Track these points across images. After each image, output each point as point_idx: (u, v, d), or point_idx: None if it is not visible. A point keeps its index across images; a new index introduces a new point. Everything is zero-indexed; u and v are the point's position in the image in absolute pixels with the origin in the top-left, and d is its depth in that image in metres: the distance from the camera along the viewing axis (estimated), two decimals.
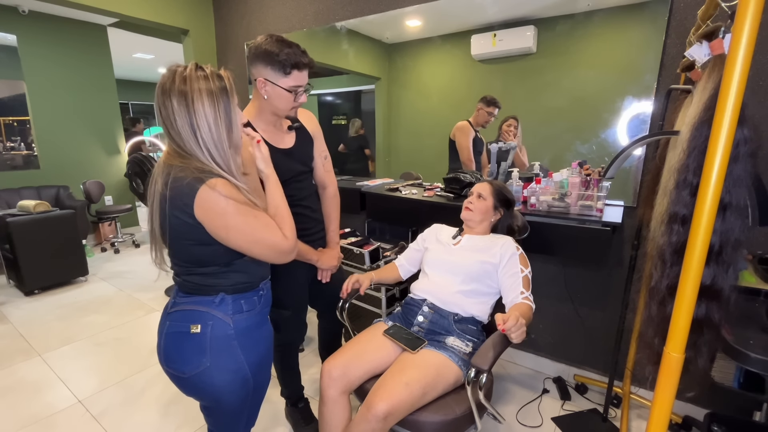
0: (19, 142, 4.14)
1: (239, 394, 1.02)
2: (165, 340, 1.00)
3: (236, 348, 0.99)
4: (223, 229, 0.90)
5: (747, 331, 1.05)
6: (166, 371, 1.02)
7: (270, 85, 1.26)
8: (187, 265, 0.98)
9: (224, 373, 0.98)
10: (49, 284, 3.41)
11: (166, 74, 0.90)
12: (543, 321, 2.13)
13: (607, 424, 1.76)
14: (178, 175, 0.89)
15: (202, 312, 0.97)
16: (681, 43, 1.59)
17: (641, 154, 1.75)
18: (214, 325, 0.97)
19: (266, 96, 1.28)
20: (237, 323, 1.00)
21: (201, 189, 0.87)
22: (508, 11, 2.00)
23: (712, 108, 0.77)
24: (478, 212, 1.52)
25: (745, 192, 0.86)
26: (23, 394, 2.04)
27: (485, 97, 2.16)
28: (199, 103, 0.88)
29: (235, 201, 0.90)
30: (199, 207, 0.88)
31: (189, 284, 0.99)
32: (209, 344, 0.96)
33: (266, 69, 1.25)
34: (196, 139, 0.90)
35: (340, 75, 2.82)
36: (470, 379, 1.13)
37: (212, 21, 3.33)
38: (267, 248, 0.97)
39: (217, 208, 0.88)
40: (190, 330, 0.96)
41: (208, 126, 0.90)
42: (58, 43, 4.28)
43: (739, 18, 0.66)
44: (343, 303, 1.52)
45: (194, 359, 0.96)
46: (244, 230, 0.92)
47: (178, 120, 0.89)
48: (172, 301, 1.03)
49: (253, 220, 0.93)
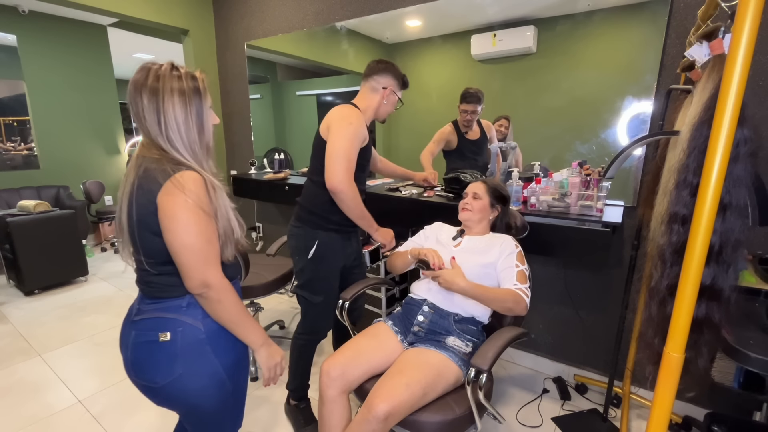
0: (19, 142, 4.14)
1: (217, 398, 0.99)
2: (133, 351, 0.96)
3: (209, 352, 0.95)
4: (169, 218, 0.86)
5: (747, 331, 1.05)
6: (137, 383, 0.98)
7: (392, 94, 1.61)
8: (152, 262, 0.93)
9: (199, 378, 0.95)
10: (49, 284, 3.41)
11: (140, 71, 0.90)
12: (543, 321, 2.13)
13: (607, 424, 1.76)
14: (151, 165, 0.88)
15: (170, 319, 0.94)
16: (681, 43, 1.59)
17: (641, 154, 1.75)
18: (184, 331, 0.93)
19: (386, 101, 1.61)
20: (208, 326, 0.96)
21: (174, 177, 0.86)
22: (508, 11, 2.00)
23: (712, 108, 0.77)
24: (476, 211, 1.52)
25: (745, 192, 0.86)
26: (23, 394, 2.04)
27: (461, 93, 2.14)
28: (169, 102, 0.88)
29: (197, 198, 0.87)
30: (163, 193, 0.86)
31: (154, 287, 0.95)
32: (180, 351, 0.93)
33: (393, 81, 1.60)
34: (165, 138, 0.89)
35: (340, 75, 2.82)
36: (470, 379, 1.14)
37: (212, 21, 3.33)
38: (193, 264, 0.88)
39: (179, 197, 0.86)
40: (159, 338, 0.93)
41: (177, 126, 0.90)
42: (58, 43, 4.28)
43: (739, 18, 0.66)
44: (344, 303, 1.52)
45: (166, 368, 0.93)
46: (186, 229, 0.87)
47: (148, 117, 0.88)
48: (137, 308, 0.98)
49: (204, 226, 0.89)
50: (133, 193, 0.89)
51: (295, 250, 1.63)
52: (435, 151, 2.29)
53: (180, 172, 0.87)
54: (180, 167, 0.88)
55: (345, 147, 1.44)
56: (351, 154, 1.46)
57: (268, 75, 3.31)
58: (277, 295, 3.17)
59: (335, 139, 1.45)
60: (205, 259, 0.89)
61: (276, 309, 2.98)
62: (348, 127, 1.46)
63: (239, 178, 3.10)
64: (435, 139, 2.29)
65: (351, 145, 1.46)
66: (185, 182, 0.86)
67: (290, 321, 2.80)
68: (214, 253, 0.91)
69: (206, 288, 0.90)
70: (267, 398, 1.98)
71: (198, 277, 0.89)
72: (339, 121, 1.48)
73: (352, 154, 1.47)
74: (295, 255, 1.64)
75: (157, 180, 0.86)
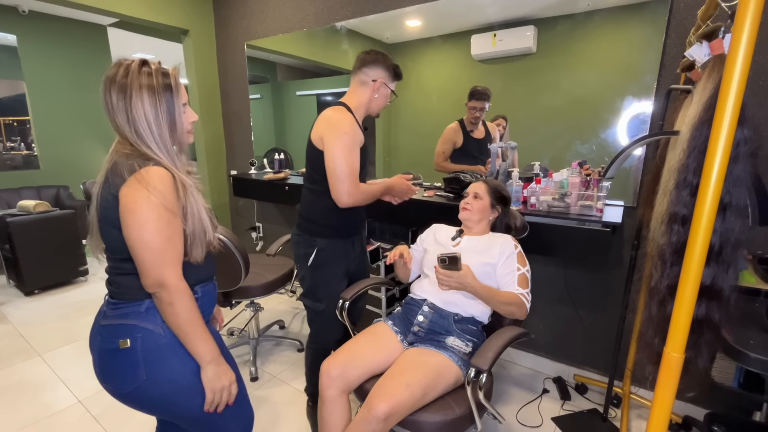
0: (19, 142, 4.14)
1: (192, 402, 0.96)
2: (98, 358, 0.96)
3: (171, 356, 0.93)
4: (128, 212, 0.85)
5: (747, 331, 1.05)
6: (105, 388, 0.97)
7: (384, 87, 1.52)
8: (114, 259, 0.93)
9: (162, 384, 0.93)
10: (49, 284, 3.41)
11: (113, 67, 0.89)
12: (543, 321, 2.13)
13: (607, 424, 1.76)
14: (120, 159, 0.88)
15: (129, 325, 0.92)
16: (681, 43, 1.59)
17: (641, 154, 1.75)
18: (144, 337, 0.91)
19: (377, 95, 1.52)
20: (168, 330, 0.93)
21: (138, 172, 0.85)
22: (508, 11, 2.00)
23: (712, 108, 0.77)
24: (476, 211, 1.52)
25: (745, 192, 0.86)
26: (23, 394, 2.04)
27: (469, 90, 2.16)
28: (138, 99, 0.87)
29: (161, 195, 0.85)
30: (125, 187, 0.85)
31: (118, 287, 0.94)
32: (141, 357, 0.91)
33: (384, 73, 1.51)
34: (134, 133, 0.88)
35: (340, 75, 2.82)
36: (470, 379, 1.14)
37: (212, 21, 3.33)
38: (148, 261, 0.86)
39: (140, 193, 0.84)
40: (119, 346, 0.91)
41: (147, 123, 0.88)
42: (58, 43, 4.28)
43: (739, 18, 0.66)
44: (344, 303, 1.52)
45: (129, 374, 0.92)
46: (145, 225, 0.84)
47: (118, 114, 0.88)
48: (104, 311, 0.98)
49: (165, 224, 0.86)
50: (101, 187, 0.89)
51: (296, 257, 1.62)
52: (447, 151, 2.28)
53: (146, 168, 0.86)
54: (147, 163, 0.87)
55: (347, 161, 1.39)
56: (353, 166, 1.42)
57: (268, 75, 3.31)
58: (277, 295, 3.17)
59: (335, 155, 1.40)
60: (162, 258, 0.87)
61: (276, 309, 2.98)
62: (343, 138, 1.40)
63: (239, 178, 3.10)
64: (443, 139, 2.29)
65: (351, 157, 1.41)
66: (150, 178, 0.85)
67: (290, 321, 2.80)
68: (173, 253, 0.89)
69: (160, 288, 0.88)
70: (267, 398, 1.98)
71: (153, 276, 0.87)
72: (332, 132, 1.41)
73: (355, 166, 1.42)
74: (297, 263, 1.63)
75: (122, 174, 0.85)
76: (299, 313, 2.93)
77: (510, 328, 1.32)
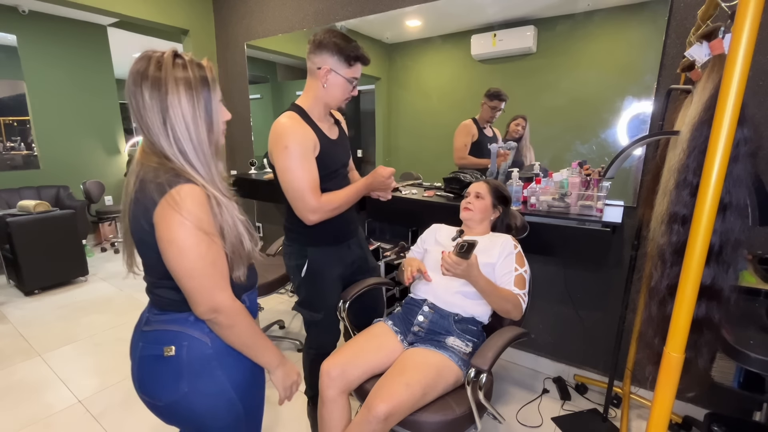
0: (19, 142, 4.14)
1: (225, 420, 0.91)
2: (138, 365, 0.90)
3: (216, 369, 0.88)
4: (166, 243, 0.78)
5: (747, 331, 1.04)
6: (141, 399, 0.92)
7: (333, 75, 1.32)
8: (155, 278, 0.87)
9: (204, 397, 0.87)
10: (49, 284, 3.41)
11: (140, 60, 0.78)
12: (543, 321, 2.13)
13: (607, 424, 1.76)
14: (148, 176, 0.79)
15: (175, 332, 0.87)
16: (681, 43, 1.59)
17: (641, 154, 1.75)
18: (190, 345, 0.86)
19: (325, 85, 1.33)
20: (216, 341, 0.88)
21: (170, 193, 0.76)
22: (508, 11, 2.00)
23: (712, 108, 0.77)
24: (478, 211, 1.52)
25: (745, 192, 0.86)
26: (23, 394, 2.04)
27: (488, 91, 2.15)
28: (174, 95, 0.77)
29: (196, 218, 0.77)
30: (158, 213, 0.77)
31: (161, 299, 0.89)
32: (185, 367, 0.85)
33: (332, 59, 1.30)
34: (169, 138, 0.79)
35: None
36: (470, 379, 1.13)
37: (212, 21, 3.33)
38: (198, 289, 0.80)
39: (174, 218, 0.76)
40: (164, 353, 0.86)
41: (186, 123, 0.79)
42: (58, 43, 4.28)
43: (739, 18, 0.66)
44: (344, 303, 1.52)
45: (170, 385, 0.86)
46: (186, 254, 0.78)
47: (149, 115, 0.77)
48: (146, 317, 0.92)
49: (205, 249, 0.79)
50: (131, 206, 0.82)
51: (288, 269, 1.56)
52: (468, 143, 2.25)
53: (177, 187, 0.77)
54: (178, 180, 0.78)
55: (296, 178, 1.29)
56: (307, 179, 1.30)
57: (268, 75, 3.31)
58: (277, 295, 3.17)
59: (281, 175, 1.32)
60: (212, 283, 0.81)
61: (276, 309, 2.98)
62: (283, 152, 1.29)
63: (239, 178, 3.11)
64: (462, 132, 2.26)
65: (302, 170, 1.29)
66: (182, 200, 0.76)
67: (290, 321, 2.80)
68: (220, 275, 0.83)
69: (216, 313, 0.82)
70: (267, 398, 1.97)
71: (206, 304, 0.81)
72: (274, 149, 1.32)
73: (308, 178, 1.31)
74: (290, 273, 1.57)
75: (152, 197, 0.77)
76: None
77: (510, 328, 1.32)
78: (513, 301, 1.34)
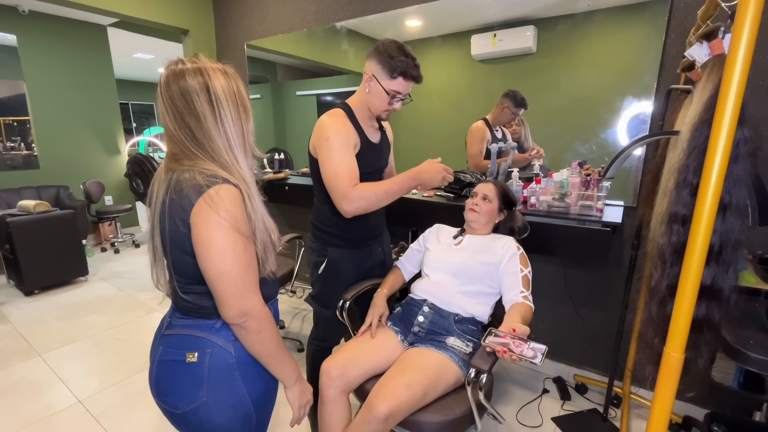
0: (19, 142, 4.14)
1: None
2: (157, 369, 0.89)
3: (238, 379, 0.87)
4: (203, 244, 0.78)
5: (747, 331, 1.04)
6: (158, 404, 0.91)
7: (374, 82, 1.34)
8: (185, 281, 0.86)
9: (223, 408, 0.86)
10: (49, 284, 3.41)
11: (174, 63, 0.82)
12: (543, 321, 2.13)
13: (607, 424, 1.76)
14: (183, 176, 0.80)
15: (200, 338, 0.86)
16: (681, 43, 1.59)
17: (641, 154, 1.75)
18: (213, 353, 0.85)
19: (368, 90, 1.36)
20: (239, 350, 0.87)
21: (207, 192, 0.77)
22: (508, 11, 2.00)
23: (712, 108, 0.77)
24: (485, 215, 1.51)
25: (745, 192, 0.86)
26: (23, 394, 2.04)
27: (515, 95, 2.08)
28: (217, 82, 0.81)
29: (233, 219, 0.78)
30: (196, 213, 0.77)
31: (188, 305, 0.88)
32: (207, 375, 0.85)
33: (377, 66, 1.33)
34: (218, 129, 0.82)
35: (340, 75, 2.82)
36: (470, 379, 1.13)
37: (212, 21, 3.33)
38: (230, 292, 0.80)
39: (212, 218, 0.77)
40: (186, 359, 0.85)
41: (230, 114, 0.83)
42: (58, 43, 4.28)
43: (739, 18, 0.66)
44: (344, 302, 1.52)
45: (189, 393, 0.85)
46: (222, 255, 0.78)
47: (197, 107, 0.80)
48: (168, 321, 0.92)
49: (241, 251, 0.80)
50: (165, 210, 0.81)
51: (309, 263, 1.61)
52: (483, 149, 2.21)
53: (215, 187, 0.78)
54: (215, 180, 0.79)
55: (333, 168, 1.31)
56: (345, 170, 1.32)
57: (268, 75, 3.31)
58: None
59: (323, 165, 1.34)
60: (245, 286, 0.81)
61: None
62: (326, 143, 1.32)
63: None
64: (476, 138, 2.21)
65: (340, 161, 1.31)
66: (221, 200, 0.77)
67: (290, 321, 2.80)
68: (252, 279, 0.83)
69: (245, 317, 0.81)
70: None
71: (236, 306, 0.80)
72: (317, 141, 1.36)
73: (346, 168, 1.32)
74: (309, 267, 1.62)
75: (189, 197, 0.78)
76: (299, 313, 2.93)
77: None
78: (530, 313, 1.30)
